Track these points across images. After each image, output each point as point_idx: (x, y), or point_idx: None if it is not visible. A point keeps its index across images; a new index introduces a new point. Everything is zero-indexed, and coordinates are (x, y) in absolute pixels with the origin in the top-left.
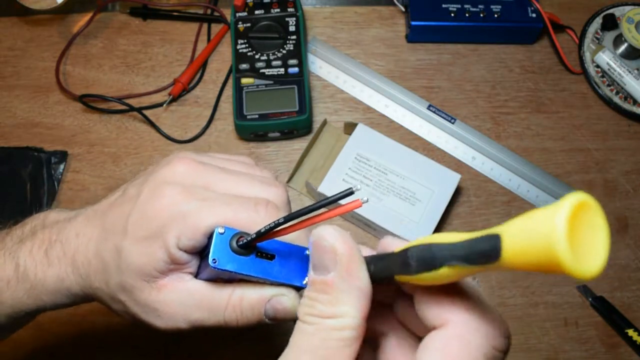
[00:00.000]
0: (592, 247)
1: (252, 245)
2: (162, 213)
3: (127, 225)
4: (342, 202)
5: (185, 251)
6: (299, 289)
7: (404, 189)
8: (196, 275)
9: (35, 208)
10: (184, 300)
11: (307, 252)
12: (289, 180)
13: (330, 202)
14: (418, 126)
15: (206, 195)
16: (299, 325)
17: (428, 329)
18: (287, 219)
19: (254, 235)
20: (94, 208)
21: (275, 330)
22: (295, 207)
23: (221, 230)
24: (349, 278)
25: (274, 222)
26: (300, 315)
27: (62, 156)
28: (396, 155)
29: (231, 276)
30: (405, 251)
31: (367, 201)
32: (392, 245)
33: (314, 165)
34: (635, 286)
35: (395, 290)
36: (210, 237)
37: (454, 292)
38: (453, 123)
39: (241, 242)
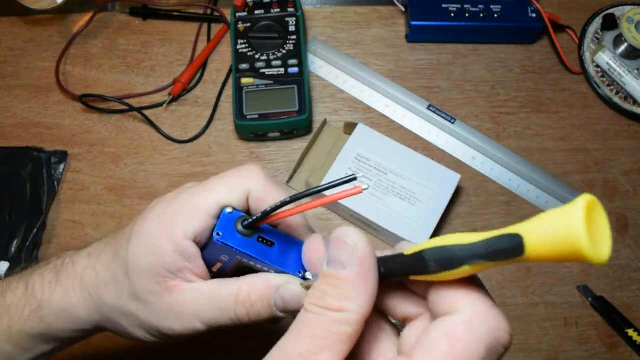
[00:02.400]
0: (601, 237)
1: (256, 227)
2: (164, 209)
3: (132, 233)
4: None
5: (195, 239)
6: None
7: (404, 189)
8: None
9: (35, 208)
10: (195, 299)
11: None
12: (289, 181)
13: (333, 186)
14: (418, 126)
15: (201, 183)
16: (302, 314)
17: (436, 317)
18: (293, 198)
19: (260, 215)
20: (109, 236)
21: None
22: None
23: (229, 210)
24: (362, 277)
25: (280, 201)
26: (306, 304)
27: (62, 156)
28: (396, 155)
29: (231, 257)
30: (419, 254)
31: (367, 188)
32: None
33: (314, 165)
34: (635, 286)
35: None
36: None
37: (464, 285)
38: (453, 123)
39: (246, 223)
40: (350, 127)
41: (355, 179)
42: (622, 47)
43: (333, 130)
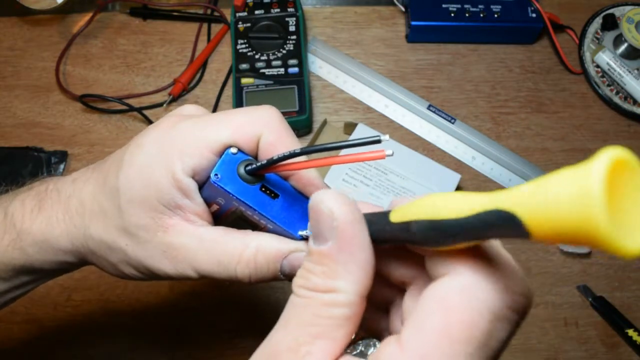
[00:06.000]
0: (635, 217)
1: (260, 175)
2: (162, 137)
3: (123, 160)
4: (366, 150)
5: (194, 175)
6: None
7: (404, 189)
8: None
9: None
10: (193, 246)
11: None
12: None
13: (354, 145)
14: (418, 126)
15: (207, 114)
16: (290, 299)
17: (431, 280)
18: (304, 151)
19: (265, 162)
20: (97, 162)
21: None
22: None
23: (233, 151)
24: (347, 249)
25: (289, 151)
26: (293, 287)
27: (62, 156)
28: (396, 155)
29: (228, 202)
30: (406, 225)
31: (392, 154)
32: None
33: None
34: (635, 286)
35: None
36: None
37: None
38: (453, 123)
39: (250, 168)
40: (350, 127)
41: (379, 141)
42: (622, 47)
43: (333, 130)
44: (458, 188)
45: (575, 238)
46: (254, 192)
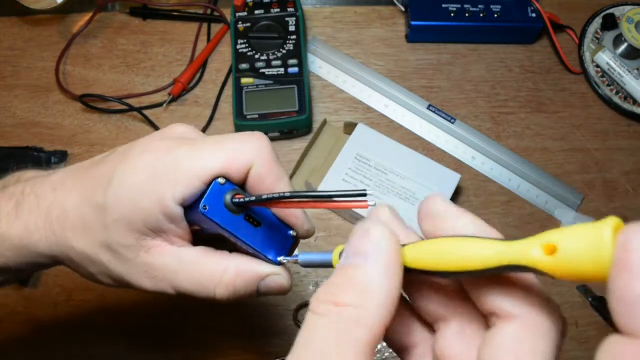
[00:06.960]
0: None
1: (245, 206)
2: (155, 163)
3: (113, 179)
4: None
5: (182, 203)
6: (270, 262)
7: (404, 189)
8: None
9: None
10: (174, 267)
11: (291, 233)
12: None
13: (341, 196)
14: (418, 126)
15: (199, 140)
16: (310, 319)
17: (490, 316)
18: (294, 195)
19: (254, 198)
20: (77, 165)
21: (274, 329)
22: None
23: (221, 182)
24: (386, 272)
25: (279, 193)
26: (313, 304)
27: (62, 156)
28: (396, 155)
29: (212, 228)
30: (422, 271)
31: (374, 205)
32: (442, 215)
33: (314, 165)
34: None
35: None
36: (208, 187)
37: (514, 281)
38: (453, 123)
39: (237, 200)
40: (350, 127)
41: (365, 195)
42: (622, 47)
43: (333, 130)
44: (458, 188)
45: (588, 278)
46: (239, 222)
